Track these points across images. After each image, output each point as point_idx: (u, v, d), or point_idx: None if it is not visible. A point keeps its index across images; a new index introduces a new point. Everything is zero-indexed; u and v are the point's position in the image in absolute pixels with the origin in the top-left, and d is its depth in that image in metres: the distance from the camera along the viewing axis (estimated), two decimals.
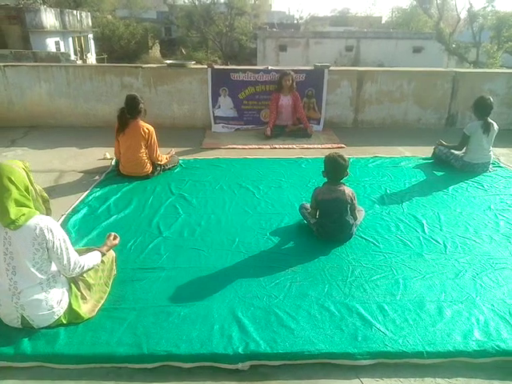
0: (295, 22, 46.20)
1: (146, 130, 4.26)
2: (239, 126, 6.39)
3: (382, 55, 25.38)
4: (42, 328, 2.22)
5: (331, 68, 6.40)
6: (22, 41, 20.26)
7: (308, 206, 3.35)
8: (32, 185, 2.18)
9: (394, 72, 6.58)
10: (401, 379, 2.06)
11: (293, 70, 6.29)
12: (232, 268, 2.84)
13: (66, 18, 22.92)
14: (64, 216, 3.47)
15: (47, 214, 2.30)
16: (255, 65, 22.08)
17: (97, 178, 4.37)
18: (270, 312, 2.40)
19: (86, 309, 2.33)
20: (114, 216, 3.51)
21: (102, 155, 5.00)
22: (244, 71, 6.30)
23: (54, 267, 2.22)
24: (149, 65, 6.54)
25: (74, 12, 24.46)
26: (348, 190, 3.10)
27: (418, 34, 27.43)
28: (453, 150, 4.84)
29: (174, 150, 4.88)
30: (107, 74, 6.18)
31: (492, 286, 2.70)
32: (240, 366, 2.08)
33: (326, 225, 3.12)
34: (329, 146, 5.64)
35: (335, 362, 2.12)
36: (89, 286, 2.39)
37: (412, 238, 3.26)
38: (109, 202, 3.77)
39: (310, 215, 3.27)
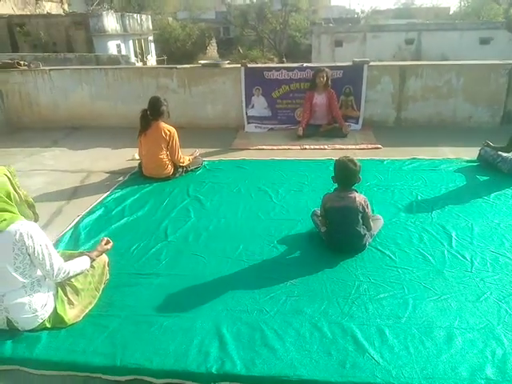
0: (356, 16, 44.87)
1: (168, 132, 4.24)
2: (273, 126, 6.23)
3: (445, 48, 23.79)
4: (27, 331, 2.23)
5: (371, 63, 6.04)
6: (87, 45, 21.49)
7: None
8: (16, 190, 2.19)
9: (440, 66, 6.06)
10: None
11: (329, 67, 6.02)
12: (228, 277, 2.71)
13: (127, 22, 23.93)
14: (79, 217, 3.53)
15: (35, 219, 2.31)
16: (310, 61, 21.74)
17: (121, 178, 4.43)
18: (257, 329, 2.24)
19: (71, 314, 2.32)
20: (126, 218, 3.52)
21: (131, 156, 5.08)
22: (278, 69, 6.13)
23: (39, 271, 2.23)
24: (183, 65, 6.57)
25: (135, 15, 25.49)
26: (360, 197, 2.84)
27: (486, 24, 25.38)
28: (501, 152, 4.34)
29: (198, 151, 4.84)
30: (144, 76, 6.29)
31: None
32: None
33: (334, 235, 2.89)
34: (364, 146, 5.32)
35: None
36: (77, 291, 2.38)
37: (435, 251, 2.93)
38: (125, 203, 3.79)
39: (320, 223, 3.05)
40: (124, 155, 5.17)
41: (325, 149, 5.28)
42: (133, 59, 23.76)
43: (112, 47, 22.78)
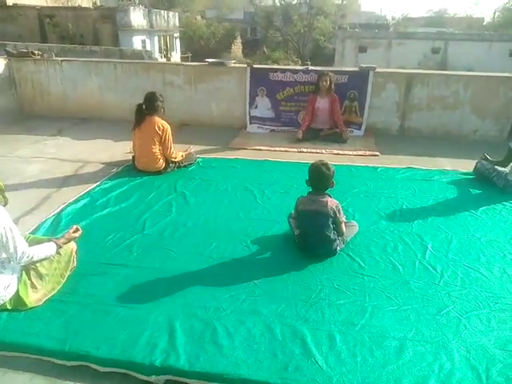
0: (385, 22, 44.34)
1: (161, 127, 4.29)
2: (275, 128, 6.23)
3: (472, 59, 23.31)
4: None
5: (377, 70, 5.98)
6: (112, 38, 21.90)
7: None
8: None
9: (448, 76, 5.95)
10: None
11: (334, 71, 6.01)
12: (193, 273, 2.73)
13: (154, 18, 24.29)
14: (64, 205, 3.61)
15: (4, 203, 2.37)
16: (333, 66, 21.57)
17: (114, 170, 4.51)
18: (209, 325, 2.26)
19: (33, 297, 2.39)
20: (109, 209, 3.58)
21: (129, 149, 5.16)
22: (283, 71, 6.14)
23: (4, 254, 2.30)
24: (190, 63, 6.63)
25: (162, 12, 25.83)
26: (332, 202, 2.83)
27: None
28: (497, 166, 4.24)
29: (192, 148, 4.88)
30: (151, 70, 6.39)
31: (479, 329, 2.28)
32: (153, 379, 1.97)
33: (305, 238, 2.88)
34: (361, 152, 5.27)
35: None
36: (41, 276, 2.44)
37: (406, 262, 2.89)
38: (111, 194, 3.86)
39: (294, 226, 3.05)
40: (124, 148, 5.24)
41: (322, 153, 5.25)
42: (157, 55, 24.12)
43: (137, 42, 23.14)
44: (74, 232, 2.65)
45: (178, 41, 28.91)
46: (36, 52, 6.75)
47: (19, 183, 4.07)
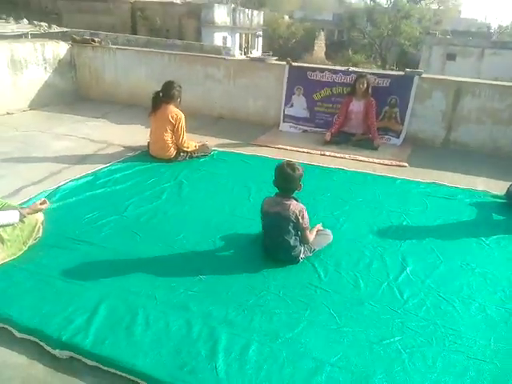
0: (488, 30, 40.95)
1: (175, 115, 4.37)
2: (308, 128, 6.04)
3: None
4: None
5: (423, 75, 5.53)
6: (195, 33, 22.79)
7: None
8: None
9: (504, 87, 5.31)
10: None
11: (376, 74, 5.68)
12: (146, 260, 2.74)
13: (237, 16, 24.85)
14: (66, 180, 3.82)
15: None
16: None
17: (130, 154, 4.68)
18: (133, 312, 2.25)
19: None
20: (104, 189, 3.72)
21: None
22: (322, 71, 5.92)
23: None
24: (232, 57, 6.66)
25: (246, 10, 26.33)
26: (296, 206, 2.65)
27: None
28: None
29: (208, 141, 4.89)
30: (194, 63, 6.52)
31: (417, 368, 2.01)
32: (57, 352, 2.01)
33: (265, 240, 2.75)
34: (388, 162, 4.91)
35: (140, 383, 1.87)
36: (2, 241, 2.60)
37: (373, 281, 2.63)
38: (114, 176, 4.00)
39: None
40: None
41: (344, 158, 4.99)
42: (236, 52, 24.69)
43: (218, 38, 23.86)
44: (41, 204, 2.79)
45: (260, 39, 29.30)
46: (96, 39, 7.23)
47: (40, 156, 4.39)
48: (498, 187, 4.23)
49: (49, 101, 6.61)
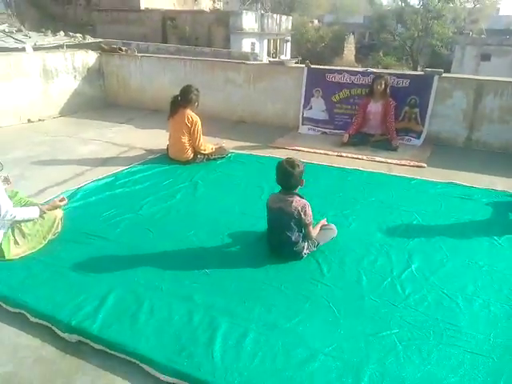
0: None
1: (191, 119, 4.51)
2: (327, 130, 6.08)
3: None
4: None
5: (443, 75, 5.46)
6: (224, 41, 23.19)
7: None
8: None
9: None
10: None
11: (395, 74, 5.66)
12: (156, 254, 2.86)
13: (265, 21, 25.07)
14: (88, 181, 4.03)
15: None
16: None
17: (151, 156, 4.87)
18: (140, 302, 2.37)
19: (14, 251, 2.74)
20: (122, 189, 3.90)
21: None
22: (340, 72, 5.94)
23: None
24: (252, 62, 6.79)
25: (274, 16, 26.53)
26: (299, 202, 2.71)
27: None
28: None
29: (224, 143, 5.02)
30: (215, 68, 6.70)
31: (411, 360, 2.02)
32: (66, 336, 2.15)
33: (269, 236, 2.82)
34: (405, 162, 4.88)
35: (141, 365, 1.98)
36: (23, 235, 2.80)
37: (376, 277, 2.65)
38: (133, 177, 4.18)
39: None
40: None
41: (362, 159, 4.99)
42: (264, 58, 24.90)
43: (246, 45, 24.14)
44: (59, 201, 2.98)
45: (288, 44, 29.42)
46: (123, 48, 7.55)
47: (65, 159, 4.64)
48: None
49: (78, 108, 6.95)
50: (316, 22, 39.88)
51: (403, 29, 29.01)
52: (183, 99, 4.57)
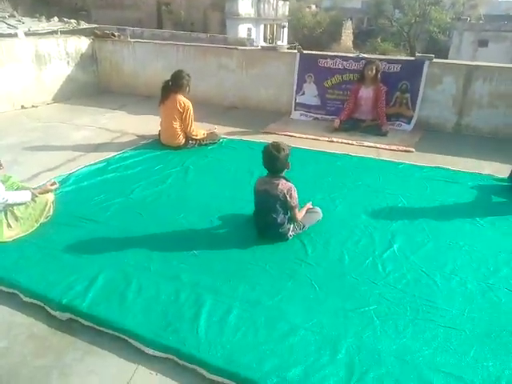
0: None
1: (182, 104, 4.55)
2: (319, 116, 6.11)
3: None
4: None
5: (434, 60, 5.49)
6: (219, 26, 22.98)
7: None
8: None
9: None
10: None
11: (386, 60, 5.69)
12: (146, 236, 2.94)
13: (262, 7, 24.83)
14: (80, 166, 4.08)
15: None
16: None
17: (143, 142, 4.91)
18: (127, 281, 2.45)
19: (7, 234, 2.81)
20: (114, 174, 3.96)
21: None
22: (333, 58, 5.97)
23: None
24: (244, 47, 6.79)
25: (271, 1, 26.24)
26: (285, 185, 2.78)
27: None
28: None
29: (216, 128, 5.06)
30: (208, 54, 6.69)
31: (388, 334, 2.12)
32: (58, 314, 2.24)
33: (255, 218, 2.90)
34: (394, 147, 4.94)
35: (129, 340, 2.07)
36: (16, 218, 2.87)
37: (358, 257, 2.74)
38: (125, 162, 4.24)
39: None
40: None
41: (352, 144, 5.05)
42: (261, 44, 24.74)
43: (242, 30, 23.94)
44: (51, 185, 3.04)
45: (285, 30, 29.17)
46: (116, 34, 7.52)
47: (58, 145, 4.69)
48: (506, 172, 4.19)
49: (71, 94, 6.96)
50: (314, 7, 39.47)
51: (401, 14, 28.75)
52: (174, 84, 4.59)
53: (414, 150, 4.87)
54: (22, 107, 6.26)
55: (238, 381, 1.85)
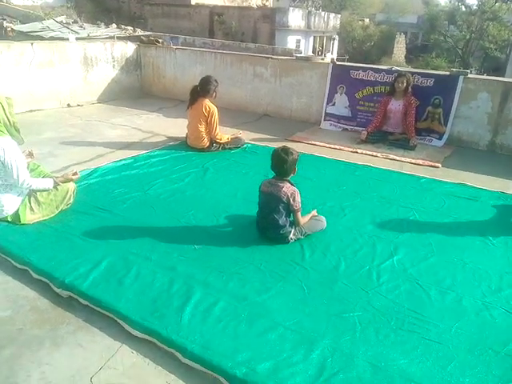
0: None
1: (208, 109, 4.73)
2: (349, 127, 6.11)
3: None
4: None
5: (469, 76, 5.34)
6: (269, 37, 23.34)
7: None
8: (7, 116, 2.97)
9: None
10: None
11: (419, 73, 5.61)
12: (154, 228, 3.10)
13: (312, 19, 24.98)
14: (107, 162, 4.34)
15: (20, 141, 3.07)
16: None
17: (171, 143, 5.14)
18: (127, 268, 2.60)
19: (29, 217, 3.06)
20: (137, 170, 4.17)
21: None
22: (365, 69, 5.96)
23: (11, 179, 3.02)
24: (279, 57, 6.90)
25: (322, 13, 26.37)
26: (289, 188, 2.85)
27: None
28: None
29: (241, 133, 5.19)
30: (244, 62, 6.88)
31: (367, 339, 2.12)
32: (60, 291, 2.42)
33: (258, 218, 2.98)
34: (420, 162, 4.85)
35: (118, 321, 2.21)
36: (38, 203, 3.11)
37: (355, 264, 2.74)
38: (150, 160, 4.45)
39: None
40: None
41: (376, 156, 5.01)
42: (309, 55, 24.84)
43: (291, 42, 24.18)
44: (72, 175, 3.28)
45: (335, 42, 29.14)
46: (160, 40, 7.90)
47: (92, 141, 5.00)
48: None
49: (115, 95, 7.38)
50: (367, 20, 39.15)
51: (457, 30, 27.86)
52: (202, 89, 4.78)
53: (440, 165, 4.76)
54: (68, 105, 6.72)
55: (210, 368, 1.93)
